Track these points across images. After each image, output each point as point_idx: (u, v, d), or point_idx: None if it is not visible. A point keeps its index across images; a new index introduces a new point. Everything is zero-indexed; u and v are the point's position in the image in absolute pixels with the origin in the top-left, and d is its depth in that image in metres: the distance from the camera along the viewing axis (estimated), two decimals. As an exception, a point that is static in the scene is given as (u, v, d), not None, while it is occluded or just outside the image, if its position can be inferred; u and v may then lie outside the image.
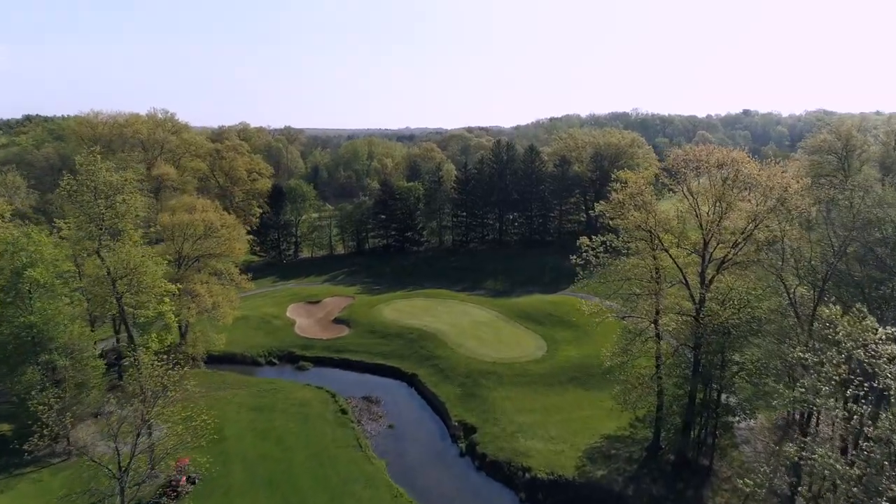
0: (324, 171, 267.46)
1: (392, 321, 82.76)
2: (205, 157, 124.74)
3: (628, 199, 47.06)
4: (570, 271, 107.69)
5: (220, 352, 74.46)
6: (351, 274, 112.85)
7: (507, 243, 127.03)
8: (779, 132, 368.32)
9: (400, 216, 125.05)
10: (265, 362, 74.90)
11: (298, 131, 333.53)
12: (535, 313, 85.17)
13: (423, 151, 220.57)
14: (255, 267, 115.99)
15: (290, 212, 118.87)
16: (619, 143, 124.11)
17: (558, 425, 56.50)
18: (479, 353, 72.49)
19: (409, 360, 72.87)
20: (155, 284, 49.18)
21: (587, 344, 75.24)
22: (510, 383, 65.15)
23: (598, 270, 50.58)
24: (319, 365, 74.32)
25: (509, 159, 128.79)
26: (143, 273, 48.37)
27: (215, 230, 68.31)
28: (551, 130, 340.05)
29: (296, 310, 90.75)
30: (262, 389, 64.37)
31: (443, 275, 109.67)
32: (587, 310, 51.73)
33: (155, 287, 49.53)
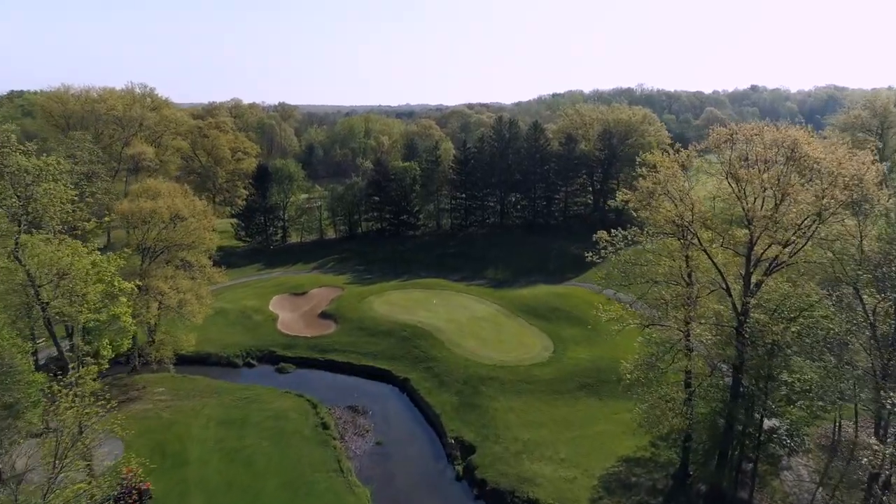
0: (319, 149, 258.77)
1: (383, 316, 75.53)
2: (186, 136, 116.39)
3: (659, 188, 39.32)
4: (577, 258, 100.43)
5: (192, 352, 67.47)
6: (341, 261, 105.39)
7: (509, 227, 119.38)
8: (788, 108, 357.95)
9: (395, 198, 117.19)
10: (243, 363, 67.82)
11: (293, 108, 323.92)
12: (539, 307, 77.89)
13: (420, 129, 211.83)
14: (240, 253, 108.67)
15: (277, 194, 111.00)
16: (630, 120, 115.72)
17: (569, 444, 49.53)
18: (478, 354, 65.38)
19: (402, 361, 65.77)
20: (89, 290, 41.53)
21: (598, 343, 67.98)
22: (513, 391, 58.11)
23: (620, 270, 42.91)
24: (303, 366, 67.25)
25: (512, 137, 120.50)
26: (76, 276, 40.76)
27: (182, 218, 60.63)
28: (554, 107, 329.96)
29: (279, 302, 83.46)
30: (236, 398, 57.32)
31: (440, 262, 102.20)
32: (605, 315, 44.25)
33: (92, 291, 41.93)
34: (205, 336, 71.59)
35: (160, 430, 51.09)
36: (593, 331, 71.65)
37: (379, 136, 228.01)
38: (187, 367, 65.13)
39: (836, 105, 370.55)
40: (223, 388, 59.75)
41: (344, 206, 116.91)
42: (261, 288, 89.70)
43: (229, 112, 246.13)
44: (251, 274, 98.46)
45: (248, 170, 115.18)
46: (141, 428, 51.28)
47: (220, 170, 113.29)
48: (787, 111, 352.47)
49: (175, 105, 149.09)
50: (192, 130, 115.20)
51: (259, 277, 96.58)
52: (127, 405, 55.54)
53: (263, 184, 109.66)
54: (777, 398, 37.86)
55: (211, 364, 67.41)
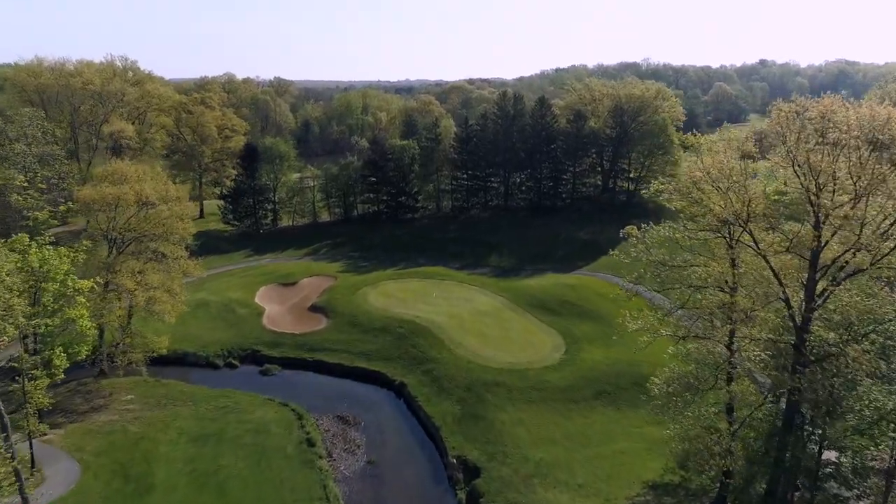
0: (315, 125, 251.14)
1: (379, 310, 69.37)
2: (169, 112, 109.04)
3: (707, 177, 32.67)
4: (587, 245, 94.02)
5: (169, 350, 61.42)
6: (335, 246, 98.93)
7: (513, 209, 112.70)
8: (798, 84, 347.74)
9: (392, 179, 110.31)
10: (223, 364, 61.79)
11: (289, 83, 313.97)
12: (548, 300, 71.66)
13: (420, 105, 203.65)
14: (228, 237, 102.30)
15: (267, 174, 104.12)
16: (643, 96, 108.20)
17: (586, 465, 43.63)
18: (482, 355, 59.32)
19: (398, 362, 59.74)
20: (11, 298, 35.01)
21: (614, 342, 61.78)
22: (522, 399, 52.11)
23: (653, 272, 36.57)
24: (289, 367, 61.25)
25: (516, 114, 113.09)
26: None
27: (151, 205, 54.12)
28: (557, 82, 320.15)
29: (267, 294, 77.24)
30: (213, 407, 51.37)
31: (440, 248, 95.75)
32: (631, 325, 37.81)
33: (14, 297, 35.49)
34: (184, 332, 65.67)
35: (125, 448, 45.20)
36: (607, 326, 65.87)
37: (377, 113, 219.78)
38: (162, 369, 59.27)
39: (848, 80, 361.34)
40: (199, 394, 53.79)
41: (338, 188, 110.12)
42: (248, 277, 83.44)
43: (222, 87, 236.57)
44: (238, 261, 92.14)
45: (235, 148, 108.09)
46: (103, 444, 45.61)
47: (206, 148, 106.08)
48: (798, 86, 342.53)
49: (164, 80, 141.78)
50: (176, 106, 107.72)
51: (247, 265, 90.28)
52: (90, 416, 49.86)
53: (252, 164, 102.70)
54: (842, 429, 31.72)
55: (189, 364, 61.50)
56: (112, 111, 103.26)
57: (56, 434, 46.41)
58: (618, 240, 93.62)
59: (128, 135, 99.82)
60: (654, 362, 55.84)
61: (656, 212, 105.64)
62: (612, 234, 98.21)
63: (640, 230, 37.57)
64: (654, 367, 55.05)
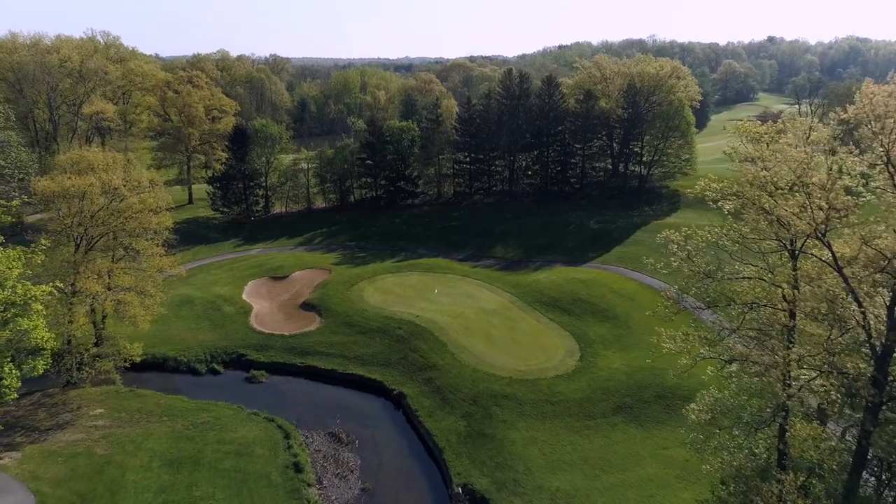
0: (312, 104, 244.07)
1: (376, 308, 64.05)
2: (154, 91, 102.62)
3: (769, 175, 26.93)
4: (598, 234, 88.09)
5: (147, 355, 56.34)
6: (331, 235, 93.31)
7: (518, 195, 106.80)
8: (808, 61, 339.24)
9: (391, 162, 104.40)
10: (206, 370, 56.55)
11: (286, 60, 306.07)
12: (559, 297, 66.25)
13: (420, 83, 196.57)
14: (217, 226, 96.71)
15: (258, 158, 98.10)
16: (658, 74, 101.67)
17: (609, 496, 38.57)
18: (489, 360, 54.10)
19: (396, 369, 54.54)
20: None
21: (632, 345, 56.88)
22: (534, 414, 46.96)
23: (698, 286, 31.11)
24: (277, 373, 56.05)
25: (522, 93, 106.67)
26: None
27: (121, 198, 48.43)
28: (560, 59, 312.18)
29: (255, 289, 71.85)
30: (191, 423, 46.20)
31: (441, 237, 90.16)
32: (667, 344, 32.37)
33: None
34: (165, 333, 60.63)
35: (88, 475, 40.06)
36: (624, 326, 60.83)
37: (375, 92, 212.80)
38: (139, 375, 54.19)
39: (860, 57, 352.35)
40: (177, 407, 48.58)
41: (334, 172, 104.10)
42: (236, 270, 77.97)
43: (215, 65, 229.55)
44: (227, 251, 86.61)
45: (225, 130, 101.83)
46: (63, 471, 40.44)
47: (193, 130, 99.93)
48: (808, 64, 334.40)
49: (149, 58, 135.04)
50: (161, 85, 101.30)
51: (235, 256, 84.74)
52: (52, 435, 44.65)
53: (241, 147, 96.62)
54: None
55: (168, 370, 56.33)
56: (92, 90, 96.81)
57: (11, 458, 41.29)
58: (630, 228, 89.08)
59: (109, 116, 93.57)
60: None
61: (670, 198, 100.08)
62: (623, 222, 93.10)
63: (680, 234, 31.64)
64: (683, 375, 49.97)
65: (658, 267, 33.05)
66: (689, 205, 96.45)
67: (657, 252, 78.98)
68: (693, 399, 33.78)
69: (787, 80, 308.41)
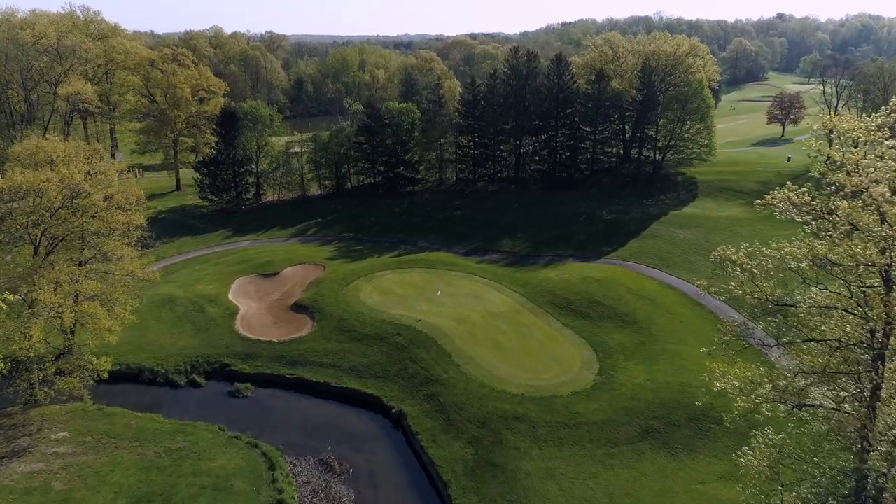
0: (309, 83, 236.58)
1: (373, 311, 58.64)
2: (137, 70, 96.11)
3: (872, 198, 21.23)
4: (611, 225, 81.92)
5: (121, 365, 51.24)
6: (326, 225, 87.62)
7: (525, 182, 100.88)
8: (819, 39, 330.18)
9: (390, 147, 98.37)
10: (185, 382, 51.23)
11: (282, 38, 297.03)
12: (573, 299, 60.78)
13: (420, 62, 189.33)
14: (205, 215, 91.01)
15: (248, 142, 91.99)
16: (676, 53, 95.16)
17: (641, 546, 33.49)
18: (498, 373, 48.82)
19: (395, 382, 49.27)
20: None
21: (656, 356, 51.52)
22: (550, 440, 41.76)
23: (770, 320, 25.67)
24: (264, 386, 50.76)
25: (529, 73, 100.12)
26: None
27: (82, 195, 42.71)
28: (564, 37, 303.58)
29: (243, 287, 66.37)
30: (164, 450, 40.97)
31: (444, 228, 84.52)
32: (720, 382, 27.00)
33: None
34: (142, 339, 55.39)
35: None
36: (645, 332, 55.46)
37: (374, 70, 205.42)
38: (111, 388, 48.97)
39: (872, 35, 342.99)
40: (149, 429, 43.35)
41: (329, 157, 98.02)
42: (223, 265, 72.42)
43: (209, 42, 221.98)
44: (215, 243, 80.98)
45: (213, 112, 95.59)
46: (14, 512, 35.34)
47: (179, 112, 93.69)
48: (818, 42, 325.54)
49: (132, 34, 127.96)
50: (144, 64, 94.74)
51: (223, 249, 79.13)
52: (6, 465, 39.43)
53: (230, 131, 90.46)
54: None
55: (144, 382, 51.07)
56: (70, 70, 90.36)
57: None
58: (645, 219, 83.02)
59: (88, 97, 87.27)
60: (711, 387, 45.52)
61: (686, 185, 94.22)
62: (638, 212, 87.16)
63: (738, 250, 26.08)
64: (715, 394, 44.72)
65: (712, 290, 27.21)
66: (707, 193, 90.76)
67: (678, 247, 73.76)
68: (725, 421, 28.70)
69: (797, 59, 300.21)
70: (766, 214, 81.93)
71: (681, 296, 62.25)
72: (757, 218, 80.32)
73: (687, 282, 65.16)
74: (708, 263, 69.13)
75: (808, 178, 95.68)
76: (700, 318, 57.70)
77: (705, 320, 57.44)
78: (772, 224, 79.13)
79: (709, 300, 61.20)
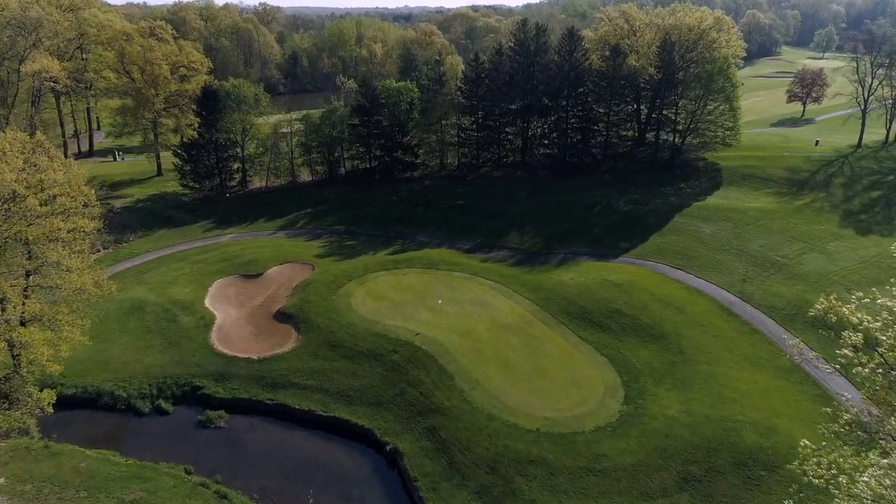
0: (304, 58, 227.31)
1: (366, 321, 52.02)
2: (111, 44, 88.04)
3: None
4: (628, 217, 74.00)
5: (77, 388, 45.06)
6: (317, 216, 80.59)
7: (533, 168, 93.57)
8: (833, 12, 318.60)
9: (386, 129, 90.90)
10: (150, 408, 44.72)
11: (276, 10, 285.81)
12: (591, 307, 54.07)
13: (420, 35, 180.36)
14: (187, 204, 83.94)
15: (231, 125, 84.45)
16: (700, 26, 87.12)
17: None
18: (508, 402, 42.38)
19: (391, 411, 42.83)
20: None
21: (689, 380, 44.97)
22: (572, 491, 35.37)
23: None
24: (240, 412, 44.32)
25: (538, 49, 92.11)
26: None
27: (19, 199, 35.73)
28: (569, 9, 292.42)
29: (222, 291, 59.65)
30: (116, 502, 34.71)
31: (445, 220, 77.53)
32: (815, 474, 20.29)
33: None
34: (104, 354, 49.04)
35: None
36: (675, 348, 48.88)
37: (371, 45, 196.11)
38: (64, 415, 42.82)
39: (889, 8, 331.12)
40: (102, 474, 36.96)
41: (321, 141, 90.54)
42: (202, 263, 65.57)
43: (198, 14, 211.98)
44: (195, 237, 74.00)
45: (195, 91, 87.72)
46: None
47: (157, 91, 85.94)
48: (833, 15, 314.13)
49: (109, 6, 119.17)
50: (118, 38, 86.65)
51: (204, 243, 72.20)
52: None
53: (212, 113, 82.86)
54: None
55: (103, 408, 44.63)
56: (35, 45, 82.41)
57: None
58: (666, 210, 75.40)
59: (55, 74, 79.53)
60: (759, 421, 39.15)
61: (708, 172, 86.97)
62: (658, 203, 79.61)
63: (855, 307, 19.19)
64: (764, 431, 38.41)
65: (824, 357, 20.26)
66: (732, 181, 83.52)
67: (704, 244, 66.59)
68: (782, 468, 22.34)
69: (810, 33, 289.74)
70: (798, 207, 73.94)
71: (711, 303, 55.57)
72: (789, 210, 73.46)
73: (716, 285, 58.69)
74: (739, 264, 62.54)
75: (840, 164, 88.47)
76: (735, 331, 51.12)
77: (741, 333, 50.90)
78: (805, 217, 72.24)
79: (743, 308, 54.71)
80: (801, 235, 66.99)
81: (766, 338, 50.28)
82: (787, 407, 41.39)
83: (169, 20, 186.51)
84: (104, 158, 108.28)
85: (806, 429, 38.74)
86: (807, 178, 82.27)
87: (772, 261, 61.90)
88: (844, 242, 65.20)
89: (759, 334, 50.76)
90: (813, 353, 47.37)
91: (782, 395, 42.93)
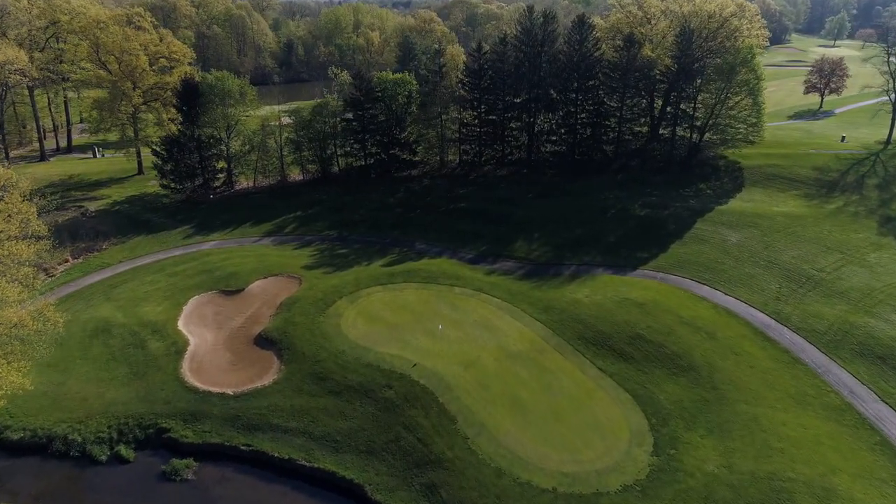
0: (299, 46, 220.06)
1: (357, 348, 46.19)
2: (85, 33, 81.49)
3: None
4: (645, 222, 65.44)
5: (24, 431, 39.45)
6: (306, 221, 74.51)
7: (539, 166, 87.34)
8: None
9: (382, 124, 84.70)
10: (108, 456, 38.94)
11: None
12: (610, 331, 48.15)
13: (419, 22, 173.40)
14: (167, 207, 77.85)
15: (214, 121, 78.18)
16: (721, 13, 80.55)
17: None
18: (520, 451, 36.63)
19: (384, 461, 37.06)
20: None
21: (728, 424, 39.16)
22: (598, 571, 29.67)
23: None
24: (211, 459, 38.60)
25: (546, 38, 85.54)
26: None
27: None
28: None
29: (198, 310, 53.75)
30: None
31: (446, 225, 71.46)
32: None
33: None
34: (60, 389, 43.56)
35: None
36: (708, 383, 43.02)
37: (368, 33, 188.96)
38: (11, 463, 37.23)
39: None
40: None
41: (313, 136, 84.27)
42: (178, 277, 59.62)
43: (190, 1, 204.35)
44: (173, 245, 67.99)
45: (177, 84, 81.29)
46: None
47: (134, 84, 79.51)
48: (843, 1, 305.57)
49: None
50: (92, 26, 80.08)
51: (183, 252, 66.20)
52: None
53: (192, 108, 76.54)
54: None
55: (54, 455, 38.87)
56: (1, 34, 75.96)
57: None
58: (687, 216, 68.67)
59: (21, 66, 73.15)
60: (814, 480, 33.31)
61: (729, 172, 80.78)
62: (678, 206, 72.80)
63: None
64: (821, 493, 32.59)
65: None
66: (755, 182, 77.36)
67: (730, 255, 60.41)
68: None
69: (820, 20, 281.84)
70: (831, 211, 66.76)
71: (744, 326, 49.63)
72: (821, 216, 67.41)
73: (748, 304, 52.75)
74: (772, 279, 56.12)
75: (872, 163, 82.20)
76: (774, 361, 45.25)
77: (781, 364, 45.04)
78: (840, 224, 66.04)
79: (780, 332, 48.84)
80: (838, 245, 60.92)
81: (809, 369, 44.43)
82: (843, 460, 35.62)
83: (159, 7, 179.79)
84: (83, 155, 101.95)
85: (869, 489, 33.09)
86: (837, 178, 76.07)
87: (807, 275, 55.91)
88: (887, 253, 59.15)
89: (802, 364, 44.90)
90: (866, 388, 41.73)
91: (836, 442, 37.15)
